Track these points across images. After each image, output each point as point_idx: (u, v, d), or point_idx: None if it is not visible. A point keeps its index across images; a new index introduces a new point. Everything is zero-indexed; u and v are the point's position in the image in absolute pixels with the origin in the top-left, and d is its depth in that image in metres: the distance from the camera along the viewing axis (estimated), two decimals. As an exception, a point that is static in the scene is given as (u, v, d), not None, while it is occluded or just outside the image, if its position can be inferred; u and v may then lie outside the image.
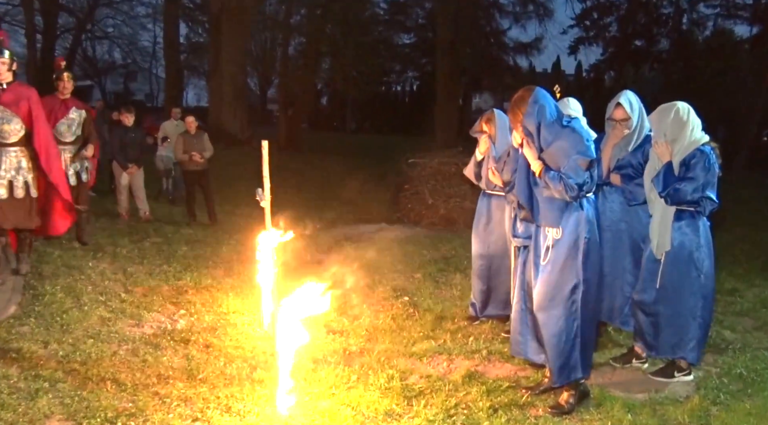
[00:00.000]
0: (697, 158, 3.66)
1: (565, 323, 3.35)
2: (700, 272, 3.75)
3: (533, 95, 3.32)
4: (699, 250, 3.74)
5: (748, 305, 5.67)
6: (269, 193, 3.68)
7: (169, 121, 10.76)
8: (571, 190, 3.25)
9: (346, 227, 8.86)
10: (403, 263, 6.64)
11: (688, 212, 3.75)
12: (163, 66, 31.76)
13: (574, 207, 3.34)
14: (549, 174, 3.31)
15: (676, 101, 3.79)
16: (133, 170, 8.34)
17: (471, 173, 4.87)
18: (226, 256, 6.64)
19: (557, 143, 3.30)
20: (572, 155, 3.26)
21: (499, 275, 4.69)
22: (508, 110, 3.46)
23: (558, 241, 3.36)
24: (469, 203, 8.74)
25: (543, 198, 3.40)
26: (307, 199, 9.61)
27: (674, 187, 3.64)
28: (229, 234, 7.85)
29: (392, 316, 4.85)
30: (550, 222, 3.39)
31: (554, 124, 3.31)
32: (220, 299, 5.10)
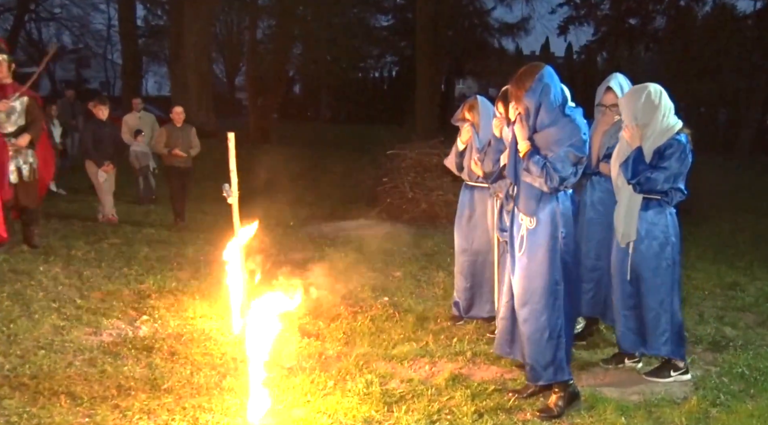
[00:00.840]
0: (673, 148, 3.73)
1: (547, 320, 3.41)
2: (670, 262, 3.85)
3: (541, 72, 3.35)
4: (668, 239, 3.84)
5: (750, 299, 5.75)
6: (237, 189, 3.68)
7: (131, 113, 10.57)
8: (551, 180, 3.30)
9: (321, 223, 8.86)
10: (382, 261, 6.68)
11: (656, 201, 3.85)
12: (119, 51, 31.19)
13: (549, 199, 3.40)
14: (534, 158, 3.35)
15: (648, 83, 3.84)
16: (110, 168, 8.15)
17: (452, 163, 4.91)
18: (192, 257, 6.62)
19: (553, 129, 3.34)
20: (564, 146, 3.29)
21: (484, 272, 4.74)
22: (511, 82, 3.46)
23: (532, 231, 3.42)
24: (452, 197, 8.80)
25: (523, 182, 3.46)
26: (279, 195, 9.59)
27: (646, 175, 3.73)
28: (195, 233, 7.81)
29: (371, 317, 4.87)
30: (524, 209, 3.46)
31: (556, 108, 3.34)
32: (185, 303, 5.07)
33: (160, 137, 8.41)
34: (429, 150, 9.82)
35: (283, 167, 11.96)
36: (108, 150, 8.13)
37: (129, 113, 10.71)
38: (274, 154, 16.60)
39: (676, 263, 3.90)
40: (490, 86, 40.03)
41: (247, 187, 3.54)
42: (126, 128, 10.06)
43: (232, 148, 3.60)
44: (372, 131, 22.80)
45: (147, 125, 10.33)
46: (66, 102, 13.64)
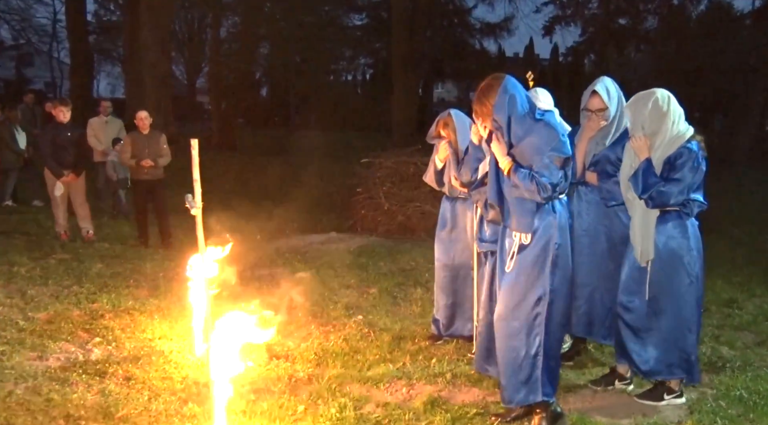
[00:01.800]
0: (684, 158, 3.70)
1: (525, 337, 3.46)
2: (693, 279, 3.84)
3: (503, 84, 3.42)
4: (690, 254, 3.82)
5: (748, 317, 5.84)
6: (201, 199, 3.68)
7: (97, 117, 10.28)
8: (544, 190, 3.35)
9: (290, 237, 8.87)
10: (356, 277, 6.72)
11: (674, 213, 3.82)
12: (67, 49, 30.61)
13: (546, 211, 3.45)
14: (519, 173, 3.40)
15: (655, 89, 3.86)
16: (70, 179, 7.83)
17: (432, 180, 4.97)
18: (151, 273, 6.59)
19: (529, 138, 3.40)
20: (545, 152, 3.37)
21: (466, 288, 4.80)
22: (474, 101, 3.54)
23: (525, 247, 3.47)
24: (431, 208, 8.89)
25: (513, 199, 3.50)
26: (245, 206, 9.59)
27: (658, 189, 3.70)
28: (153, 248, 7.78)
29: (344, 337, 4.90)
30: (520, 227, 3.49)
31: (526, 117, 3.42)
32: (143, 323, 5.06)
33: (125, 147, 8.09)
34: (406, 158, 9.90)
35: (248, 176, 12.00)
36: (68, 158, 7.82)
37: (95, 116, 10.43)
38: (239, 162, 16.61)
39: (699, 279, 3.87)
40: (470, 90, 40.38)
41: (210, 198, 3.56)
42: (91, 132, 9.82)
43: (195, 155, 3.60)
44: (345, 138, 22.92)
45: (113, 132, 10.12)
46: (26, 107, 13.03)
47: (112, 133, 10.07)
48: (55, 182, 7.83)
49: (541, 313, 3.45)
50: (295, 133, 30.94)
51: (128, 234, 8.57)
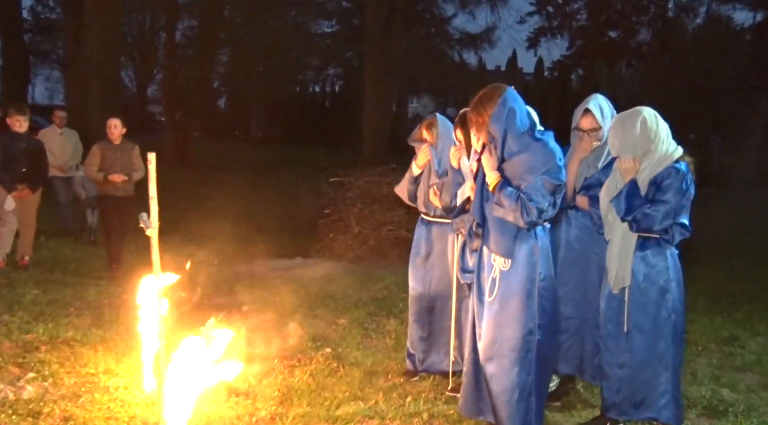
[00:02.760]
0: (672, 179, 3.77)
1: (517, 376, 3.49)
2: (671, 312, 3.90)
3: (504, 95, 3.49)
4: (668, 284, 3.89)
5: (751, 357, 5.87)
6: (157, 219, 3.67)
7: (50, 128, 10.03)
8: (528, 214, 3.41)
9: (252, 262, 8.84)
10: (324, 307, 6.71)
11: (654, 240, 3.89)
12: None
13: (527, 236, 3.51)
14: (506, 190, 3.46)
15: (640, 108, 3.93)
16: (24, 194, 7.65)
17: (404, 191, 5.00)
18: (95, 300, 6.51)
19: (524, 156, 3.47)
20: (538, 174, 3.42)
21: (443, 319, 4.82)
22: (471, 108, 3.60)
23: (506, 274, 3.52)
24: (405, 232, 8.95)
25: (493, 219, 3.55)
26: (202, 227, 9.52)
27: (643, 212, 3.76)
28: (98, 271, 7.67)
29: (311, 372, 4.88)
30: (498, 250, 3.55)
31: (524, 134, 3.48)
32: (85, 356, 4.97)
33: (92, 158, 7.80)
34: (378, 178, 9.97)
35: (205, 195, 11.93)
36: (21, 171, 7.62)
37: (48, 127, 10.16)
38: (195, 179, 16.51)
39: (679, 312, 3.93)
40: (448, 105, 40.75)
41: (163, 217, 3.54)
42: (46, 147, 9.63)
43: (152, 170, 3.59)
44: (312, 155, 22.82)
45: (70, 144, 9.96)
46: None
47: (68, 146, 9.91)
48: (6, 197, 7.62)
49: (531, 351, 3.49)
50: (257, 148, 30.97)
51: (68, 257, 8.45)
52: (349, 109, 31.78)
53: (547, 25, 35.75)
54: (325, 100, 44.99)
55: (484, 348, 3.58)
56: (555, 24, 35.68)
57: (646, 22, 33.95)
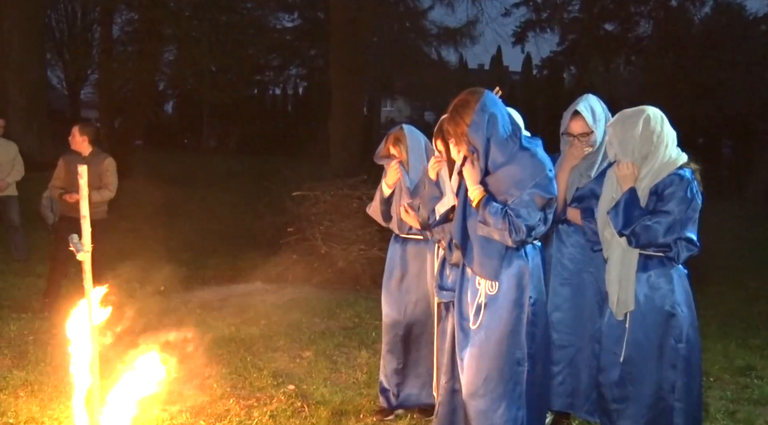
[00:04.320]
0: (674, 186, 3.76)
1: (506, 413, 3.50)
2: (680, 340, 3.86)
3: (481, 100, 3.50)
4: (675, 309, 3.86)
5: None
6: (90, 241, 3.65)
7: None
8: (516, 232, 3.42)
9: (203, 287, 8.81)
10: (286, 338, 6.70)
11: (657, 258, 3.86)
12: None
13: (515, 255, 3.53)
14: (491, 207, 3.47)
15: (644, 106, 3.93)
16: None
17: (377, 212, 5.03)
18: (16, 336, 6.44)
19: (510, 168, 3.48)
20: (527, 188, 3.44)
21: (419, 348, 4.84)
22: (447, 118, 3.61)
23: (492, 298, 3.54)
24: (378, 252, 8.97)
25: (477, 238, 3.57)
26: (144, 248, 9.46)
27: (642, 224, 3.76)
28: (19, 303, 7.60)
29: (271, 413, 4.86)
30: (483, 272, 3.56)
31: (508, 141, 3.50)
32: (3, 403, 4.90)
33: (57, 173, 7.49)
34: (348, 191, 9.99)
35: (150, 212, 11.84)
36: None
37: None
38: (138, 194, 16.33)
39: (691, 341, 3.86)
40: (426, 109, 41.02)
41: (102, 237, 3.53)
42: None
43: (84, 186, 3.60)
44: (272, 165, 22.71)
45: (7, 157, 9.68)
46: None
47: (5, 159, 9.65)
48: None
49: (520, 383, 3.51)
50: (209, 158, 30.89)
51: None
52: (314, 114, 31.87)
53: (535, 18, 35.76)
54: (286, 104, 45.13)
55: (467, 382, 3.58)
56: (544, 16, 35.64)
57: (646, 12, 33.80)
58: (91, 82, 38.87)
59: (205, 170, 26.02)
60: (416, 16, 28.79)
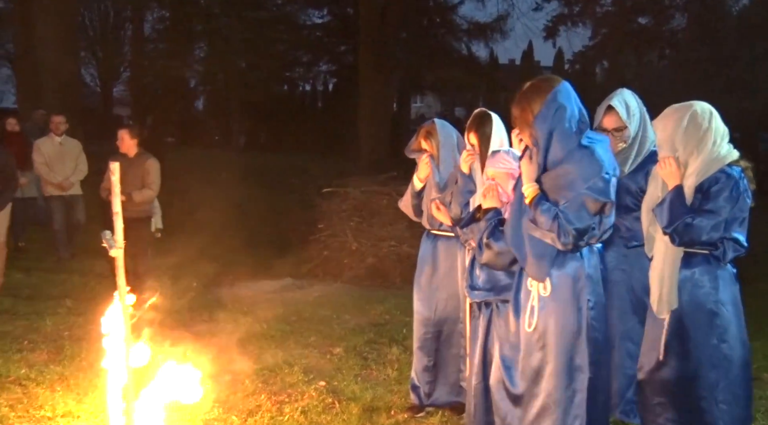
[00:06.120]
0: (721, 184, 3.67)
1: (562, 419, 3.40)
2: (723, 340, 3.79)
3: (554, 90, 3.36)
4: (720, 308, 3.78)
5: None
6: (123, 237, 3.69)
7: (46, 138, 9.87)
8: (564, 235, 3.30)
9: (235, 284, 8.85)
10: (317, 334, 6.72)
11: (702, 256, 3.79)
12: None
13: (571, 257, 3.42)
14: (542, 206, 3.35)
15: (693, 102, 3.85)
16: None
17: (408, 206, 5.03)
18: (52, 332, 6.51)
19: (566, 166, 3.35)
20: (580, 189, 3.30)
21: (451, 346, 4.84)
22: (515, 103, 3.48)
23: (547, 301, 3.44)
24: (408, 248, 8.96)
25: (529, 237, 3.46)
26: (177, 244, 9.52)
27: (685, 221, 3.67)
28: (56, 300, 7.68)
29: (302, 409, 4.88)
30: (532, 272, 3.47)
31: (571, 138, 3.36)
32: (40, 397, 4.97)
33: (107, 175, 7.37)
34: (377, 188, 10.00)
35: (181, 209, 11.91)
36: None
37: (43, 137, 10.01)
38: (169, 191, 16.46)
39: (736, 340, 3.79)
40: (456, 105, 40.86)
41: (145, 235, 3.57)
42: (41, 159, 9.59)
43: (116, 182, 3.62)
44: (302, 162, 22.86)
45: (71, 156, 9.87)
46: None
47: (69, 158, 9.80)
48: None
49: (579, 391, 3.40)
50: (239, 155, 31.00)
51: (21, 283, 8.44)
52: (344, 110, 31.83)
53: (567, 12, 35.33)
54: (316, 101, 45.08)
55: (518, 385, 3.51)
56: (576, 10, 35.16)
57: (681, 5, 32.72)
58: (123, 80, 39.25)
59: (234, 166, 26.11)
60: (446, 11, 28.70)
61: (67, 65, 19.16)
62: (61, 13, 18.45)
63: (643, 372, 3.99)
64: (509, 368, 3.60)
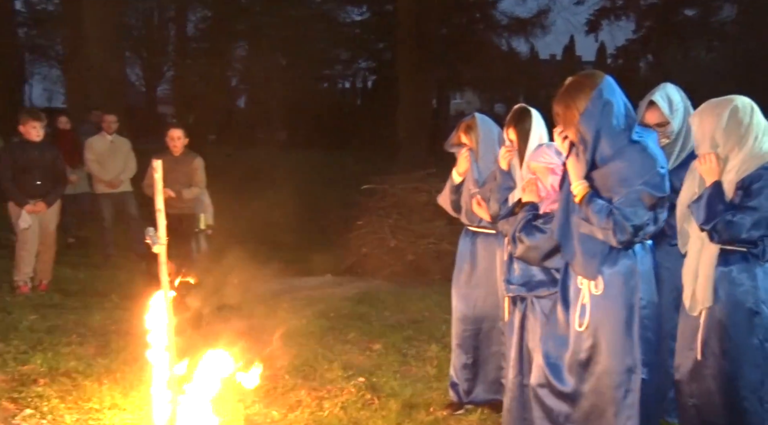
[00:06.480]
0: (763, 181, 3.61)
1: (613, 419, 3.36)
2: (766, 339, 3.73)
3: (599, 86, 3.33)
4: (760, 307, 3.71)
5: None
6: (165, 233, 3.73)
7: (98, 135, 10.01)
8: (621, 232, 3.26)
9: (275, 280, 8.88)
10: (356, 330, 6.75)
11: (739, 254, 3.72)
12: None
13: (623, 254, 3.37)
14: (595, 204, 3.31)
15: (733, 96, 3.78)
16: (38, 208, 7.79)
17: (447, 201, 5.03)
18: (99, 326, 6.60)
19: (618, 162, 3.31)
20: (635, 185, 3.26)
21: (490, 344, 4.82)
22: (557, 100, 3.44)
23: (598, 299, 3.39)
24: (448, 245, 8.93)
25: (579, 235, 3.42)
26: (218, 241, 9.61)
27: (725, 218, 3.61)
28: (103, 294, 7.81)
29: (342, 405, 4.90)
30: (582, 271, 3.43)
31: (620, 134, 3.32)
32: (88, 389, 5.04)
33: (150, 173, 7.82)
34: (416, 185, 9.99)
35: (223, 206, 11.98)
36: (34, 183, 7.72)
37: (95, 135, 10.16)
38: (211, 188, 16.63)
39: None
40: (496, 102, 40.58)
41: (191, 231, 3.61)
42: (93, 157, 9.75)
43: (158, 180, 3.67)
44: (341, 159, 23.01)
45: (121, 154, 9.99)
46: None
47: (119, 156, 9.93)
48: (20, 212, 7.72)
49: (631, 391, 3.35)
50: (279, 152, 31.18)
51: (70, 278, 8.59)
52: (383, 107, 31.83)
53: (610, 5, 34.84)
54: (355, 98, 45.14)
55: (572, 385, 3.46)
56: (619, 3, 34.51)
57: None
58: (167, 79, 39.63)
59: (274, 163, 26.26)
60: (486, 7, 28.58)
61: (113, 65, 19.44)
62: (106, 15, 18.73)
63: (680, 372, 3.95)
64: (555, 365, 3.55)
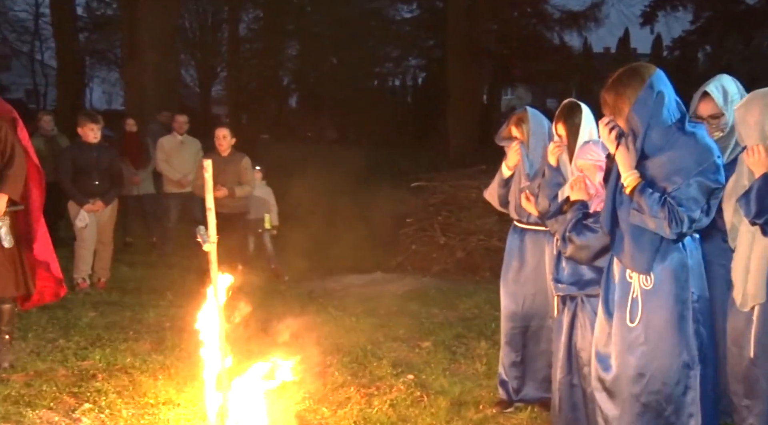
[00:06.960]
0: None
1: (674, 416, 3.31)
2: None
3: (651, 77, 3.30)
4: None
5: None
6: (216, 232, 3.77)
7: (169, 136, 10.17)
8: (677, 224, 3.20)
9: (325, 277, 8.96)
10: (405, 328, 6.73)
11: None
12: (52, 49, 30.76)
13: (674, 248, 3.32)
14: (647, 194, 3.25)
15: None
16: (96, 207, 7.88)
17: (494, 195, 5.00)
18: (155, 323, 6.71)
19: (671, 153, 3.27)
20: (692, 174, 3.21)
21: (539, 342, 4.79)
22: (607, 89, 3.41)
23: (649, 293, 3.35)
24: (497, 242, 8.89)
25: (629, 227, 3.36)
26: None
27: None
28: (158, 292, 7.92)
29: (391, 402, 4.90)
30: (633, 264, 3.38)
31: (672, 126, 3.29)
32: (144, 385, 5.13)
33: (200, 172, 7.69)
34: (466, 181, 9.95)
35: (274, 203, 12.11)
36: (93, 184, 7.86)
37: (167, 135, 10.32)
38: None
39: None
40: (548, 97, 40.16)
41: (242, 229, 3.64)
42: (163, 156, 9.91)
43: (209, 179, 3.72)
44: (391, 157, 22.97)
45: (190, 154, 10.11)
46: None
47: (189, 156, 10.06)
48: (78, 211, 7.87)
49: (691, 388, 3.32)
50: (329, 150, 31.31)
51: (126, 276, 8.75)
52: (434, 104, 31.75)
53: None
54: (405, 95, 45.07)
55: (625, 377, 3.40)
56: (676, -6, 34.10)
57: None
58: (220, 80, 40.11)
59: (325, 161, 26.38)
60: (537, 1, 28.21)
61: (169, 67, 19.71)
62: (162, 18, 19.00)
63: (730, 369, 3.84)
64: (606, 363, 3.51)
